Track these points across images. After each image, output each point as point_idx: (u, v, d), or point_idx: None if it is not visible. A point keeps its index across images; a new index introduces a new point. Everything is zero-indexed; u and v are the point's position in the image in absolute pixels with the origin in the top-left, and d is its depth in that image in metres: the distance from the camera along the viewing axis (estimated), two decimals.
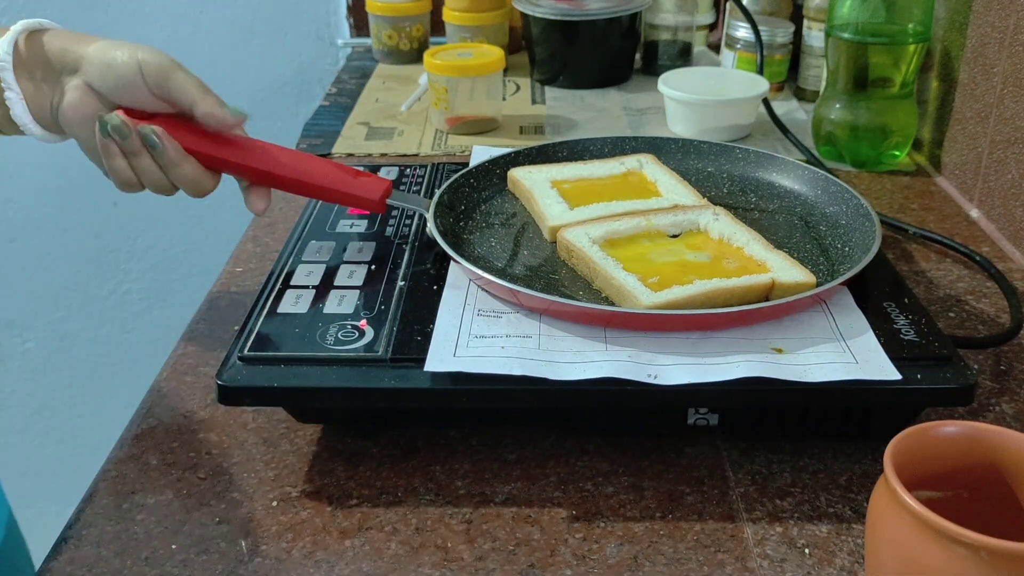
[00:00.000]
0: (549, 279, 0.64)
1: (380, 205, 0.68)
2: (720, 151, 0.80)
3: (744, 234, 0.66)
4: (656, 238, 0.67)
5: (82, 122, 0.63)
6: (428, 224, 0.66)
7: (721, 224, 0.67)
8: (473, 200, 0.75)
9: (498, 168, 0.78)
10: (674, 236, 0.67)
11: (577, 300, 0.60)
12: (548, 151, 0.81)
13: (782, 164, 0.77)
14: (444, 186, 0.73)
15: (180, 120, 0.64)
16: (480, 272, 0.60)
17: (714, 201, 0.73)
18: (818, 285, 0.60)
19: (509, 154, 0.79)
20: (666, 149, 0.81)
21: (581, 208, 0.70)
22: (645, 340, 0.57)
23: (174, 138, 0.63)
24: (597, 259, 0.63)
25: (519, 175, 0.75)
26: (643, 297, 0.58)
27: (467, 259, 0.62)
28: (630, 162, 0.78)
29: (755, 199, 0.75)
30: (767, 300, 0.59)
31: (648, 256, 0.65)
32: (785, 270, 0.62)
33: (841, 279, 0.60)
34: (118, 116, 0.62)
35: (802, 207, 0.73)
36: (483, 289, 0.62)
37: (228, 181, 0.68)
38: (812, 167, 0.75)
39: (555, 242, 0.68)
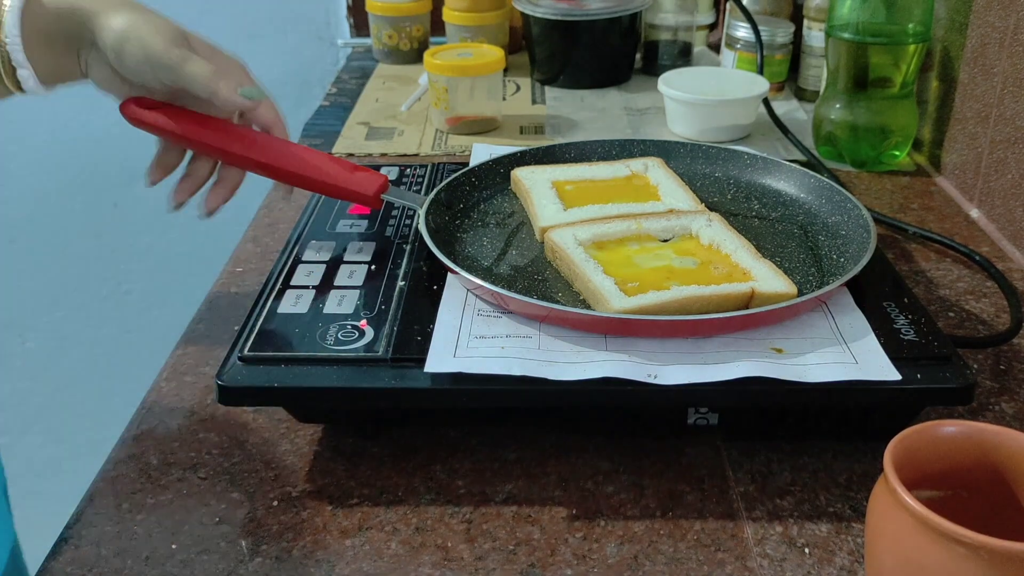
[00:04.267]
0: (532, 280, 0.64)
1: (375, 200, 0.68)
2: (728, 156, 0.79)
3: (734, 241, 0.65)
4: (645, 242, 0.66)
5: (113, 93, 0.66)
6: (419, 220, 0.66)
7: (713, 230, 0.66)
8: (473, 199, 0.75)
9: (502, 167, 0.78)
10: (665, 241, 0.67)
11: (529, 298, 0.59)
12: (555, 152, 0.80)
13: (789, 171, 0.76)
14: (443, 183, 0.73)
15: (182, 111, 0.66)
16: (450, 264, 0.61)
17: (716, 207, 0.73)
18: (800, 295, 0.59)
19: (515, 154, 0.79)
20: (675, 153, 0.80)
21: (575, 209, 0.70)
22: (645, 340, 0.57)
23: (175, 128, 0.65)
24: (578, 260, 0.62)
25: (521, 175, 0.75)
26: (615, 301, 0.58)
27: (456, 257, 0.62)
28: (636, 165, 0.77)
29: (758, 206, 0.74)
30: (747, 308, 0.58)
31: (634, 260, 0.64)
32: (768, 279, 0.60)
33: (815, 293, 0.58)
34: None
35: (804, 216, 0.72)
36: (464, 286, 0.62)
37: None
38: (819, 176, 0.74)
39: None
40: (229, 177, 0.68)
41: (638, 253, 0.65)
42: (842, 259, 0.66)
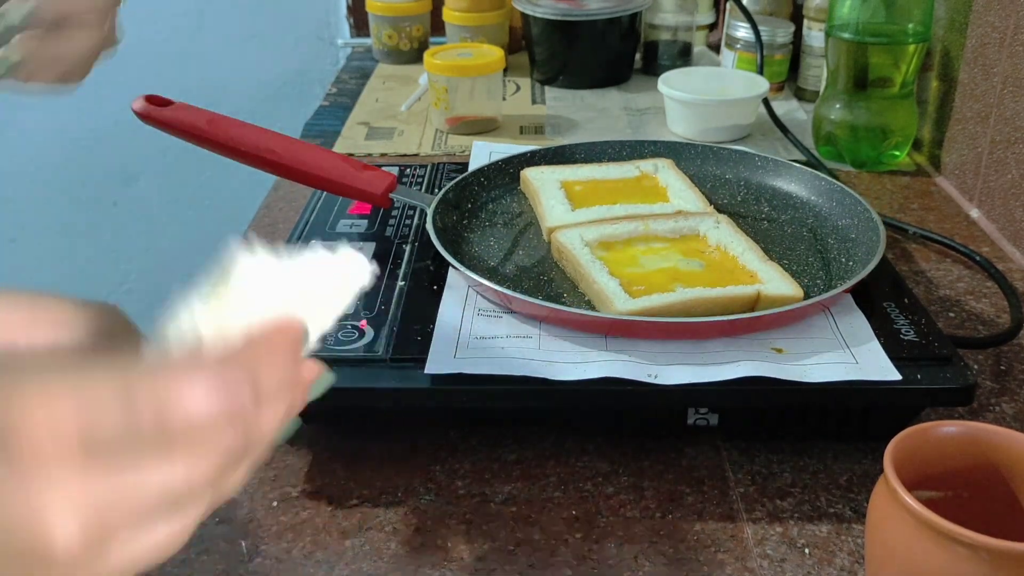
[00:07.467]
0: (539, 280, 0.64)
1: (383, 199, 0.69)
2: (739, 157, 0.79)
3: (742, 243, 0.65)
4: (653, 243, 0.66)
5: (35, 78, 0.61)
6: (427, 219, 0.66)
7: (720, 232, 0.66)
8: (481, 198, 0.74)
9: (511, 168, 0.77)
10: (672, 241, 0.67)
11: (533, 297, 0.58)
12: (565, 152, 0.80)
13: (800, 174, 0.76)
14: (451, 183, 0.72)
15: (196, 109, 0.67)
16: (455, 263, 0.61)
17: (726, 209, 0.72)
18: (806, 298, 0.59)
19: (524, 154, 0.79)
20: (685, 154, 0.80)
21: (583, 210, 0.70)
22: (645, 340, 0.57)
23: (187, 124, 0.66)
24: (584, 261, 0.62)
25: (531, 175, 0.75)
26: (619, 302, 0.58)
27: (462, 257, 0.62)
28: (646, 166, 0.77)
29: (767, 208, 0.74)
30: (752, 311, 0.59)
31: (640, 261, 0.64)
32: (774, 282, 0.60)
33: (820, 298, 0.58)
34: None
35: (814, 219, 0.72)
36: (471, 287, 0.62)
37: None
38: (829, 178, 0.74)
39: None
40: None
41: (644, 254, 0.65)
42: (851, 262, 0.65)
